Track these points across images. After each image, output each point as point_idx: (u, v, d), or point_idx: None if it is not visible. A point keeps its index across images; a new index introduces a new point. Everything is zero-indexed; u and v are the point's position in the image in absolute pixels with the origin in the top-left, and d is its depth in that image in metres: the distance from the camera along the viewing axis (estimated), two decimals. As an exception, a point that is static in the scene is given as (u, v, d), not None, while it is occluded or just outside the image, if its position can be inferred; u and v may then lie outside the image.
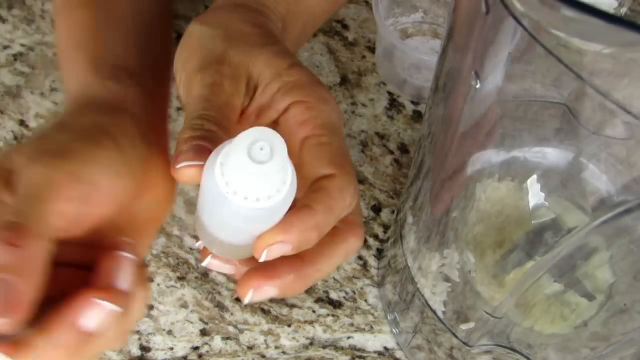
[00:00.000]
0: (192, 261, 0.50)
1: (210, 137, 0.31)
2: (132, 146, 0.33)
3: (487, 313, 0.38)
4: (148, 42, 0.44)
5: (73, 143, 0.31)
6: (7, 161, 0.30)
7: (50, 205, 0.29)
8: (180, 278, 0.49)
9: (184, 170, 0.30)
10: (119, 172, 0.32)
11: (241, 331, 0.48)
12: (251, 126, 0.34)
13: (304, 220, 0.29)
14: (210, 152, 0.30)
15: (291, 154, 0.32)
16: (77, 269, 0.34)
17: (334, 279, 0.50)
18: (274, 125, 0.34)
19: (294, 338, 0.48)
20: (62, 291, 0.30)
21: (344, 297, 0.50)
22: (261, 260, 0.29)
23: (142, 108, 0.38)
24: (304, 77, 0.34)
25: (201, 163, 0.30)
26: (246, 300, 0.31)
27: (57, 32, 0.44)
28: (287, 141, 0.33)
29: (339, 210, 0.31)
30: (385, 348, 0.48)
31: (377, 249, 0.51)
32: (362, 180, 0.54)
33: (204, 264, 0.32)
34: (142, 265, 0.33)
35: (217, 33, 0.35)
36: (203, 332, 0.48)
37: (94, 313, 0.29)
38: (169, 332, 0.48)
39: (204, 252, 0.33)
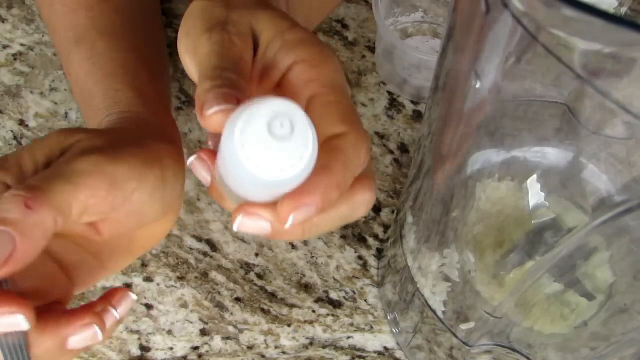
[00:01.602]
0: (192, 261, 0.50)
1: (232, 85, 0.30)
2: (174, 182, 0.35)
3: (487, 313, 0.38)
4: (162, 71, 0.46)
5: (129, 156, 0.33)
6: (69, 138, 0.33)
7: (79, 193, 0.30)
8: (180, 278, 0.49)
9: (215, 117, 0.29)
10: (156, 200, 0.34)
11: (241, 331, 0.48)
12: (255, 88, 0.33)
13: (325, 181, 0.28)
14: (236, 99, 0.29)
15: None
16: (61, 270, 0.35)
17: (334, 279, 0.50)
18: (277, 88, 0.33)
19: (294, 338, 0.48)
20: (44, 285, 0.33)
21: (344, 297, 0.50)
22: (287, 226, 0.28)
23: (179, 141, 0.40)
24: (306, 36, 0.33)
25: (231, 107, 0.29)
26: (235, 226, 0.29)
27: (76, 61, 0.45)
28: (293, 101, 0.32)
29: (355, 168, 0.30)
30: (385, 348, 0.48)
31: (377, 249, 0.51)
32: (362, 180, 0.54)
33: (235, 228, 0.30)
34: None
35: (217, 3, 0.34)
36: (203, 332, 0.48)
37: (84, 334, 0.32)
38: (169, 332, 0.48)
39: (234, 215, 0.31)
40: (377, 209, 0.53)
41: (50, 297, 0.33)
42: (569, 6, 0.20)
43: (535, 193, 0.39)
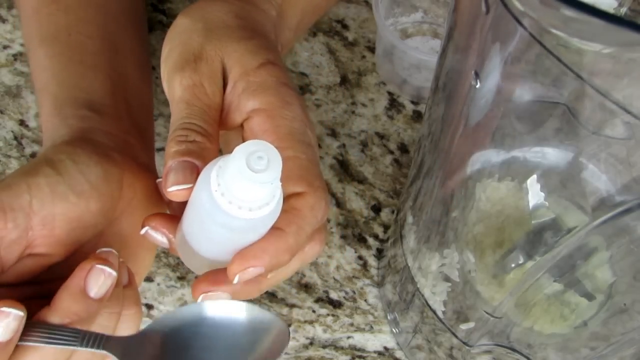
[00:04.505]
0: (192, 261, 0.50)
1: (195, 150, 0.31)
2: (78, 169, 0.34)
3: (487, 313, 0.38)
4: (114, 62, 0.44)
5: (10, 179, 0.33)
6: None
7: None
8: (180, 278, 0.49)
9: (176, 193, 0.31)
10: (61, 193, 0.33)
11: (241, 331, 0.48)
12: (221, 125, 0.34)
13: (276, 245, 0.30)
14: (197, 169, 0.31)
15: None
16: None
17: (334, 279, 0.50)
18: (240, 128, 0.34)
19: (294, 338, 0.48)
20: None
21: (344, 297, 0.50)
22: (234, 283, 0.30)
23: (106, 134, 0.38)
24: (270, 78, 0.33)
25: (191, 185, 0.30)
26: (235, 281, 0.31)
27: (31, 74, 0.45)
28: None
29: (310, 229, 0.31)
30: (385, 348, 0.48)
31: (377, 249, 0.51)
32: (362, 180, 0.54)
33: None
34: (131, 284, 0.34)
35: (197, 26, 0.35)
36: (203, 332, 0.48)
37: (96, 278, 0.30)
38: (169, 332, 0.48)
39: (194, 294, 0.33)
40: (377, 209, 0.53)
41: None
42: (569, 6, 0.20)
43: (535, 193, 0.39)
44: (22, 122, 0.54)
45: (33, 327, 0.30)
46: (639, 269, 0.38)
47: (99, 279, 0.30)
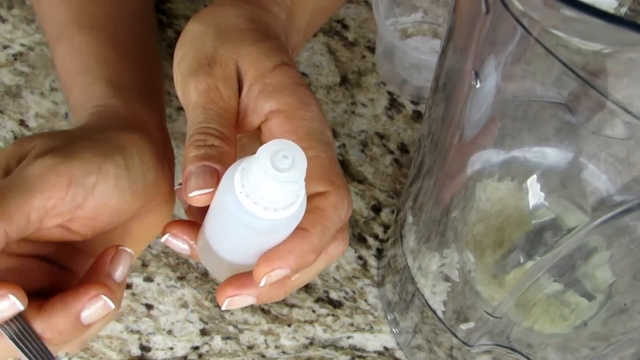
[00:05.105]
0: (192, 261, 0.50)
1: (214, 154, 0.31)
2: (142, 169, 0.34)
3: (487, 313, 0.38)
4: (146, 62, 0.45)
5: (85, 151, 0.33)
6: (25, 145, 0.32)
7: (33, 199, 0.30)
8: (180, 278, 0.49)
9: (197, 198, 0.30)
10: (122, 189, 0.33)
11: (241, 331, 0.48)
12: (238, 129, 0.34)
13: (301, 246, 0.30)
14: (217, 173, 0.30)
15: None
16: (65, 270, 0.35)
17: (334, 279, 0.50)
18: (258, 131, 0.34)
19: (294, 338, 0.48)
20: (44, 285, 0.32)
21: (344, 297, 0.50)
22: (261, 285, 0.30)
23: (160, 132, 0.40)
24: (286, 79, 0.33)
25: (212, 190, 0.30)
26: (223, 307, 0.31)
27: (58, 57, 0.45)
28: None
29: (334, 228, 0.31)
30: (385, 348, 0.48)
31: (377, 249, 0.51)
32: (362, 180, 0.54)
33: (223, 308, 0.32)
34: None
35: (209, 31, 0.35)
36: (203, 332, 0.48)
37: (95, 307, 0.31)
38: (169, 332, 0.48)
39: (219, 299, 0.33)
40: (377, 209, 0.53)
41: (60, 291, 0.32)
42: (569, 6, 0.20)
43: (535, 193, 0.39)
44: (22, 122, 0.54)
45: (13, 318, 0.29)
46: (639, 269, 0.38)
47: (97, 308, 0.31)
